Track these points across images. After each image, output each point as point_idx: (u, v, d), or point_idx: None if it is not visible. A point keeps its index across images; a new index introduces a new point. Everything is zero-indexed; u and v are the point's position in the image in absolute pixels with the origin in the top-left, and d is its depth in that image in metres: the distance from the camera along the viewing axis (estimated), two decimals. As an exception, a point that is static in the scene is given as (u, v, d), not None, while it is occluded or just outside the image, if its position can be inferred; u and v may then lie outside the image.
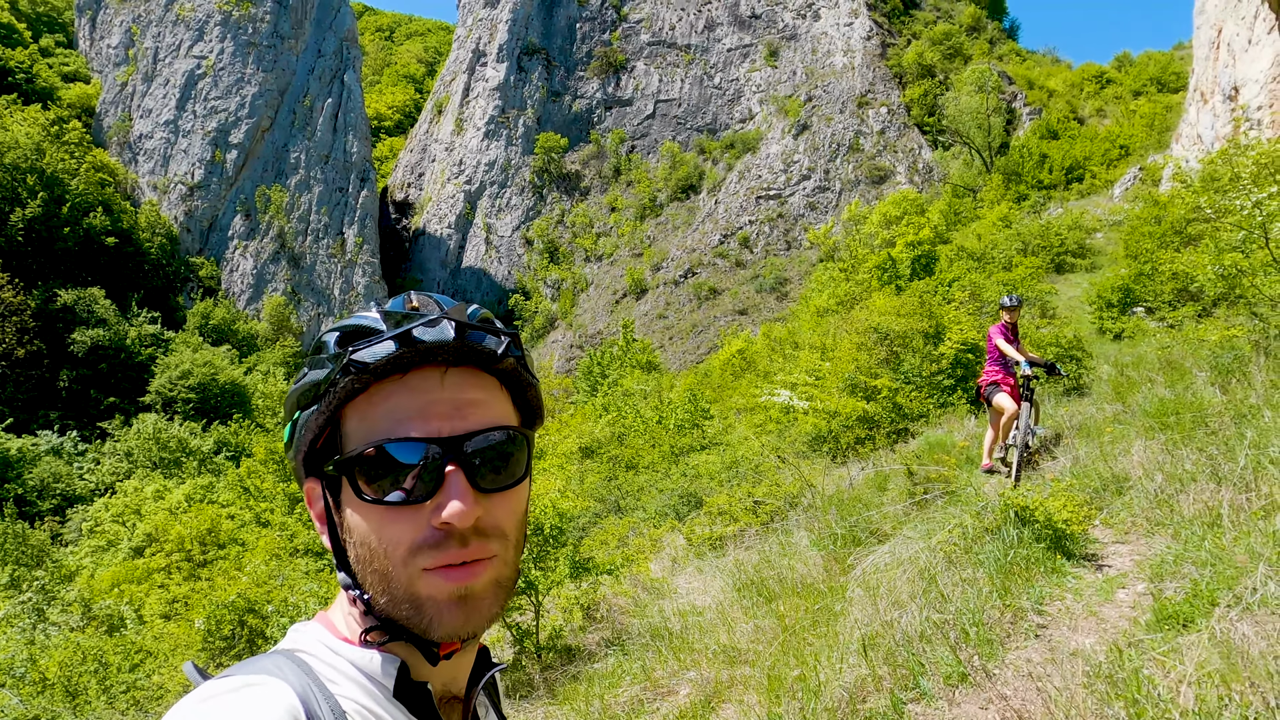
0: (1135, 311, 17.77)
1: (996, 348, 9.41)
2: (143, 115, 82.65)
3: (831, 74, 76.78)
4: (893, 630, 4.50)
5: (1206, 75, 26.39)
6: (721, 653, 5.32)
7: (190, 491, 32.40)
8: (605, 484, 16.98)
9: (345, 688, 0.91)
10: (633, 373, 33.66)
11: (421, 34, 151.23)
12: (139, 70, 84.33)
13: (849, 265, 35.73)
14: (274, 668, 0.90)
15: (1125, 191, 34.22)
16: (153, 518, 28.56)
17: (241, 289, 77.71)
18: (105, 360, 57.99)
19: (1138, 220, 22.32)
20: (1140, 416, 7.54)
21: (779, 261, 66.17)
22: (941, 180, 58.47)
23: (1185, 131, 28.66)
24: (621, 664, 5.79)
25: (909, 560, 5.55)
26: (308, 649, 0.96)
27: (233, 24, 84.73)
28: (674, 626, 6.11)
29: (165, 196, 79.15)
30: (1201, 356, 8.49)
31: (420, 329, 0.90)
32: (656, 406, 22.67)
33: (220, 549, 24.74)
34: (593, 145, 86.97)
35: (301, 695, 0.86)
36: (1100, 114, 58.99)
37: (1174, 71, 56.75)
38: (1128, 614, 4.24)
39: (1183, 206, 13.65)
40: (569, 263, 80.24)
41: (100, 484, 42.64)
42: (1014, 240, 28.48)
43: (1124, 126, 48.18)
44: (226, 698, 0.83)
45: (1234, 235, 9.45)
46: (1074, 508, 5.30)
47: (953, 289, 21.81)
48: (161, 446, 42.76)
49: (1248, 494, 4.57)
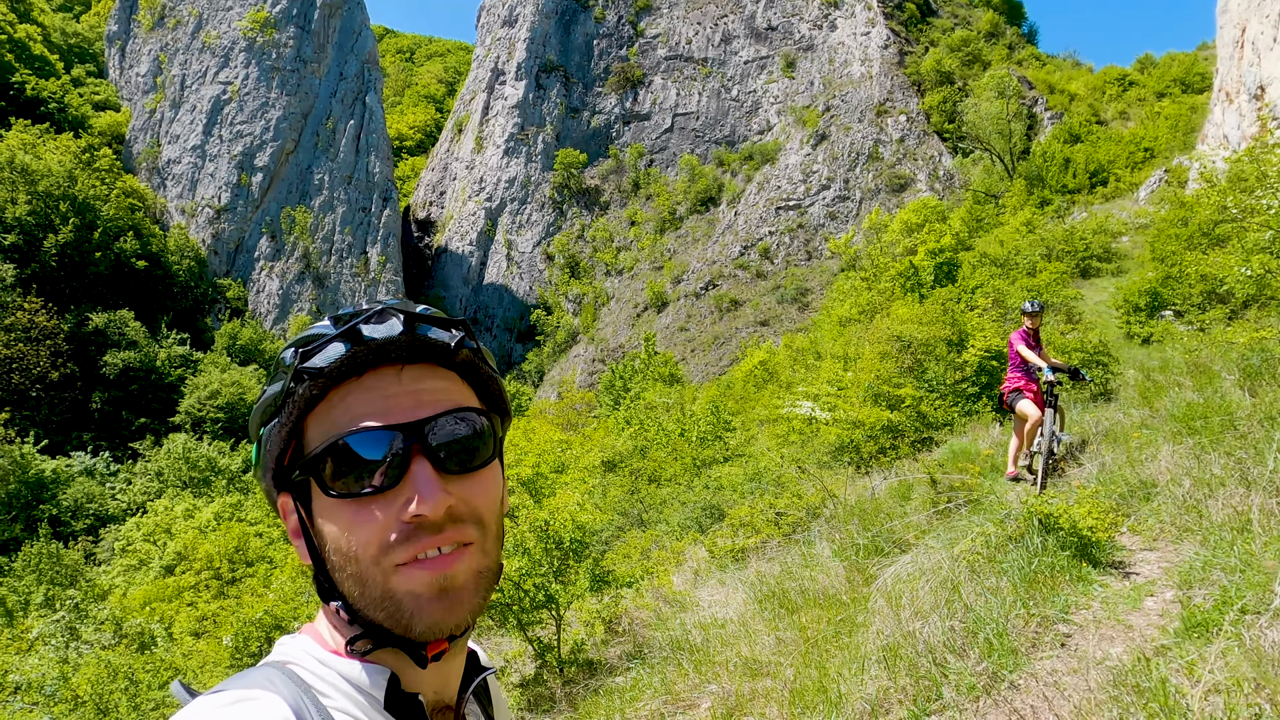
0: (1164, 315, 17.48)
1: (1019, 354, 9.30)
2: (171, 141, 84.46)
3: (849, 83, 76.67)
4: (914, 641, 4.44)
5: (1231, 75, 26.03)
6: (743, 665, 5.28)
7: (219, 510, 32.79)
8: (628, 497, 16.95)
9: (337, 700, 0.90)
10: (655, 386, 33.63)
11: (441, 54, 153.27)
12: (167, 97, 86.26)
13: (870, 274, 35.54)
14: (265, 681, 0.88)
15: (1151, 194, 33.79)
16: (183, 536, 28.93)
17: (268, 309, 78.88)
18: (136, 381, 59.03)
19: (1164, 223, 22.00)
20: (1167, 421, 7.40)
21: (800, 272, 65.95)
22: (963, 187, 58.07)
23: (1211, 132, 28.26)
24: (642, 677, 5.75)
25: (931, 570, 5.48)
26: (298, 661, 0.94)
27: (257, 50, 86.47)
28: (695, 639, 6.07)
29: (193, 220, 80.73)
30: (1230, 359, 8.33)
31: (367, 326, 0.89)
32: (679, 419, 22.62)
33: (249, 566, 24.99)
34: (611, 160, 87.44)
35: (295, 708, 0.85)
36: (1123, 117, 58.34)
37: (1198, 72, 56.01)
38: (1156, 622, 4.15)
39: (1209, 207, 13.45)
40: (590, 277, 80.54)
41: (132, 504, 43.30)
42: (1038, 246, 28.18)
43: (1148, 129, 47.59)
44: (221, 712, 0.82)
45: (1262, 235, 9.29)
46: (1099, 514, 5.21)
47: (976, 296, 21.59)
48: (191, 466, 43.38)
49: (1278, 499, 4.46)
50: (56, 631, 15.81)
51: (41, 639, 14.92)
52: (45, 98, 79.86)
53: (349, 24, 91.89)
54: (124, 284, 66.12)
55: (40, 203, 61.97)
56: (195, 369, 62.11)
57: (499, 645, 7.91)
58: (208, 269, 78.16)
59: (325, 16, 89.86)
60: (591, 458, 21.92)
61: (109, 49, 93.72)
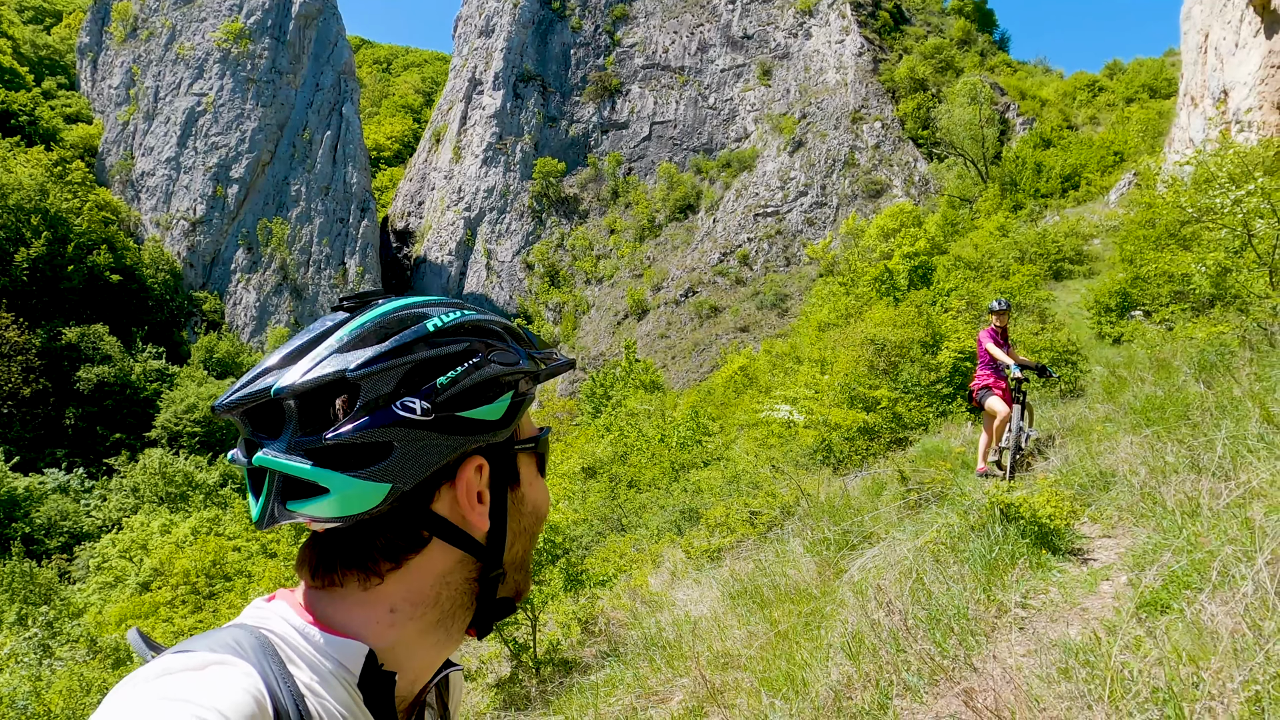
0: (1133, 315, 17.78)
1: (987, 351, 9.47)
2: (144, 153, 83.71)
3: (825, 91, 77.40)
4: (879, 629, 4.53)
5: (1196, 80, 26.59)
6: (714, 658, 5.35)
7: (196, 525, 32.42)
8: (608, 502, 16.99)
9: (305, 673, 0.87)
10: (636, 393, 33.66)
11: (418, 65, 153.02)
12: (140, 109, 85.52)
13: (848, 279, 35.81)
14: (235, 644, 0.85)
15: (1121, 197, 34.35)
16: (159, 552, 28.56)
17: (245, 322, 78.23)
18: (110, 397, 58.28)
19: (1132, 225, 22.40)
20: (1128, 414, 7.58)
21: (779, 278, 66.37)
22: (937, 192, 58.74)
23: (1178, 136, 28.82)
24: (616, 673, 5.81)
25: (897, 561, 5.58)
26: (272, 627, 0.91)
27: (231, 61, 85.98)
28: (669, 635, 6.13)
29: (168, 232, 79.98)
30: (1190, 354, 8.54)
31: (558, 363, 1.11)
32: (659, 425, 22.70)
33: (226, 581, 24.73)
34: (590, 169, 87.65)
35: (265, 678, 0.82)
36: (1093, 122, 59.31)
37: (1165, 78, 57.07)
38: (1110, 604, 4.28)
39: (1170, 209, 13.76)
40: (570, 286, 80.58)
41: (107, 520, 42.69)
42: (1011, 249, 28.58)
43: (1118, 133, 48.39)
44: (189, 675, 0.79)
45: (1218, 234, 9.53)
46: (1058, 503, 5.34)
47: (950, 299, 21.86)
48: (167, 481, 42.86)
49: (1227, 482, 4.61)
50: (29, 649, 15.59)
51: (13, 656, 14.70)
52: (15, 110, 78.90)
53: (324, 35, 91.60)
54: (98, 298, 65.33)
55: (11, 216, 61.18)
56: (171, 383, 61.41)
57: (475, 646, 7.93)
58: (183, 282, 77.40)
59: (300, 27, 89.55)
60: (572, 464, 21.95)
61: (80, 61, 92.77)
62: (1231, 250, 9.56)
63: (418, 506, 0.94)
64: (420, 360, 0.93)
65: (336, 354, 0.92)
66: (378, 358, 0.91)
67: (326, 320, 0.98)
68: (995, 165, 51.96)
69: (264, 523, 0.91)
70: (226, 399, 0.92)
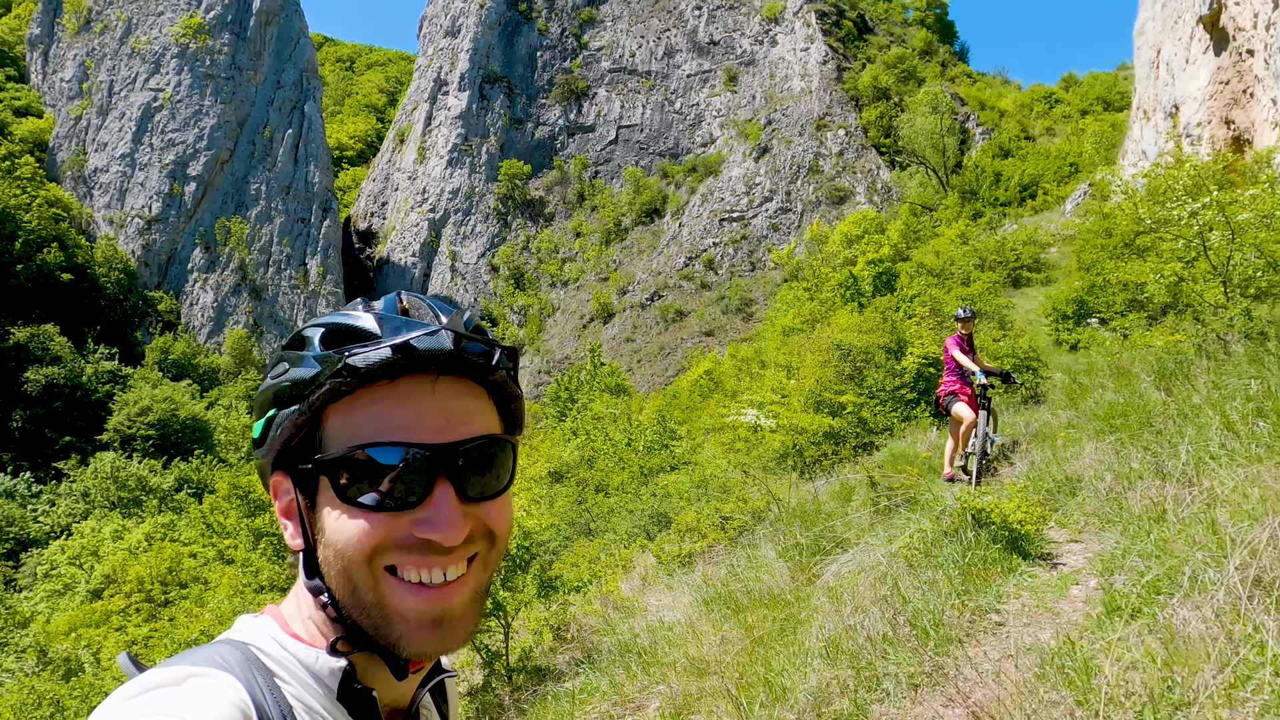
0: (1090, 322, 18.21)
1: (953, 358, 9.63)
2: (98, 149, 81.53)
3: (790, 98, 78.16)
4: (856, 634, 4.57)
5: (1148, 94, 27.36)
6: (690, 665, 5.35)
7: (150, 530, 31.58)
8: (575, 507, 16.93)
9: (293, 686, 0.88)
10: (601, 396, 33.61)
11: (382, 64, 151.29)
12: (94, 104, 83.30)
13: (812, 284, 36.20)
14: (219, 659, 0.85)
15: (1076, 207, 35.17)
16: (111, 559, 27.79)
17: (202, 322, 76.55)
18: (60, 399, 56.58)
19: (1089, 234, 22.95)
20: (1091, 420, 7.76)
21: (744, 282, 66.79)
22: (899, 200, 59.62)
23: (1131, 148, 29.63)
24: (591, 680, 5.78)
25: (871, 566, 5.64)
26: (257, 642, 0.91)
27: (190, 56, 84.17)
28: (643, 642, 6.12)
29: (122, 230, 77.95)
30: (1148, 362, 8.77)
31: (418, 339, 0.88)
32: (626, 429, 22.69)
33: (182, 588, 24.13)
34: (556, 171, 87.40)
35: (249, 690, 0.82)
36: (1050, 133, 60.73)
37: (1119, 91, 58.68)
38: (1080, 608, 4.36)
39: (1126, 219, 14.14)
40: (535, 288, 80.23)
41: (56, 526, 41.39)
42: (971, 256, 29.12)
43: (1073, 144, 49.58)
44: (169, 690, 0.78)
45: (1175, 245, 9.80)
46: (1028, 509, 5.44)
47: (914, 305, 22.18)
48: (120, 485, 41.69)
49: (1190, 488, 4.74)
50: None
51: (-42, 668, 14.19)
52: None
53: (287, 31, 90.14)
54: (48, 297, 63.41)
55: (-45, 212, 59.21)
56: (125, 385, 59.77)
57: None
58: (138, 281, 75.45)
59: (262, 23, 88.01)
60: (538, 468, 21.82)
61: (31, 53, 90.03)
62: (1186, 260, 9.84)
63: None
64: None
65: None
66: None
67: None
68: (956, 174, 52.96)
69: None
70: None
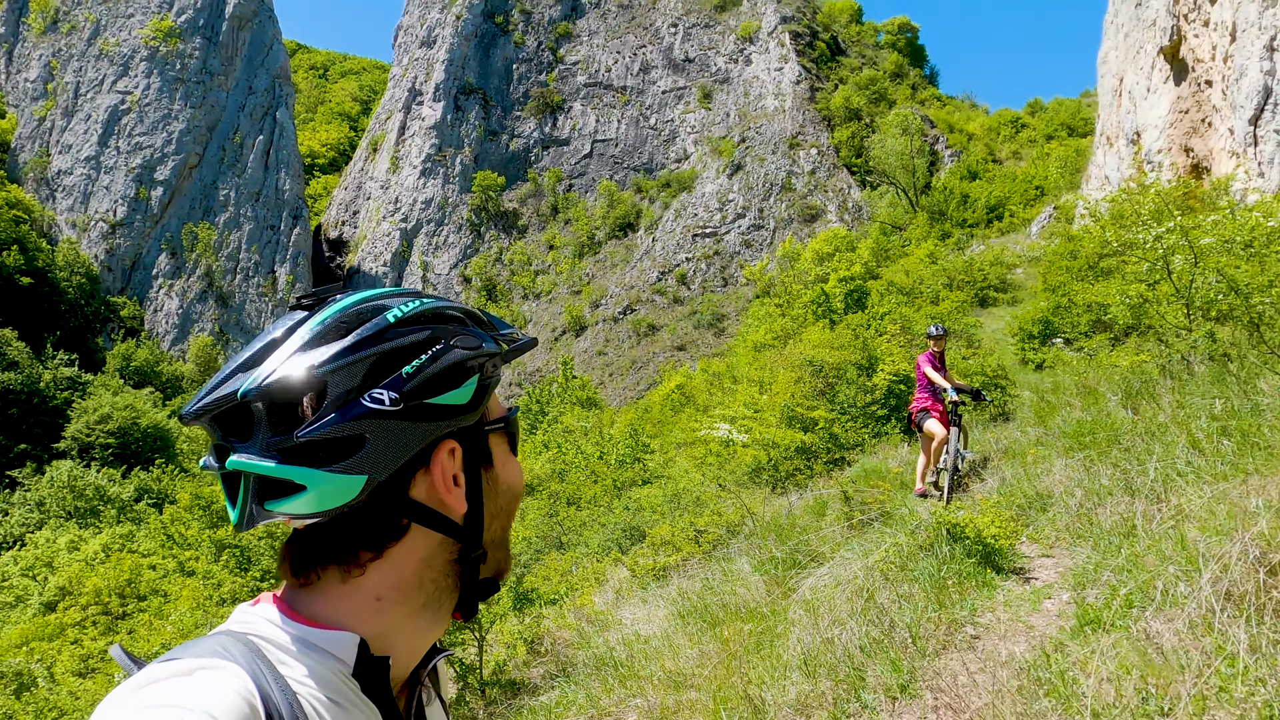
0: (1055, 342, 18.57)
1: (925, 375, 9.77)
2: (62, 151, 79.96)
3: (763, 116, 79.03)
4: (834, 647, 4.60)
5: (1111, 121, 28.10)
6: (667, 679, 5.34)
7: (108, 541, 30.80)
8: (546, 520, 16.83)
9: (297, 670, 0.88)
10: (573, 409, 33.54)
11: (356, 72, 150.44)
12: (59, 105, 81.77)
13: (784, 301, 36.52)
14: (222, 649, 0.85)
15: (1042, 229, 35.91)
16: (66, 570, 27.05)
17: (166, 329, 75.12)
18: (16, 405, 55.10)
19: (1054, 256, 23.45)
20: (1060, 438, 7.91)
21: (716, 298, 67.17)
22: (870, 219, 60.47)
23: (1094, 173, 30.35)
24: (568, 694, 5.75)
25: (848, 580, 5.68)
26: (256, 630, 0.92)
27: (160, 60, 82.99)
28: (620, 655, 6.10)
29: (85, 234, 76.38)
30: (1114, 381, 8.97)
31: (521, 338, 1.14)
32: (597, 442, 22.65)
33: (141, 600, 23.56)
34: (530, 184, 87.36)
35: (255, 679, 0.83)
36: (1016, 156, 62.02)
37: (1082, 117, 60.13)
38: (1054, 622, 4.44)
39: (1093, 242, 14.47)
40: (507, 300, 79.95)
41: (9, 536, 40.18)
42: (940, 276, 29.57)
43: (1039, 168, 50.65)
44: (175, 681, 0.79)
45: (1140, 268, 10.06)
46: (1002, 523, 5.53)
47: (884, 322, 22.46)
48: (77, 495, 40.62)
49: (1159, 505, 4.85)
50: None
51: (-96, 683, 13.69)
52: (-81, 101, 74.59)
53: (259, 37, 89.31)
54: (6, 301, 61.86)
55: (-89, 212, 57.63)
56: (84, 392, 58.37)
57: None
58: (100, 286, 73.87)
59: (234, 29, 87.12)
60: (510, 481, 21.64)
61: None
62: (1149, 282, 10.09)
63: (395, 495, 0.96)
64: (384, 352, 0.95)
65: (300, 352, 0.93)
66: (341, 353, 0.93)
67: (286, 320, 0.99)
68: (925, 195, 53.84)
69: (243, 525, 0.92)
70: (193, 406, 0.94)
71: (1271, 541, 3.27)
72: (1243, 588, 3.14)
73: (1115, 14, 28.20)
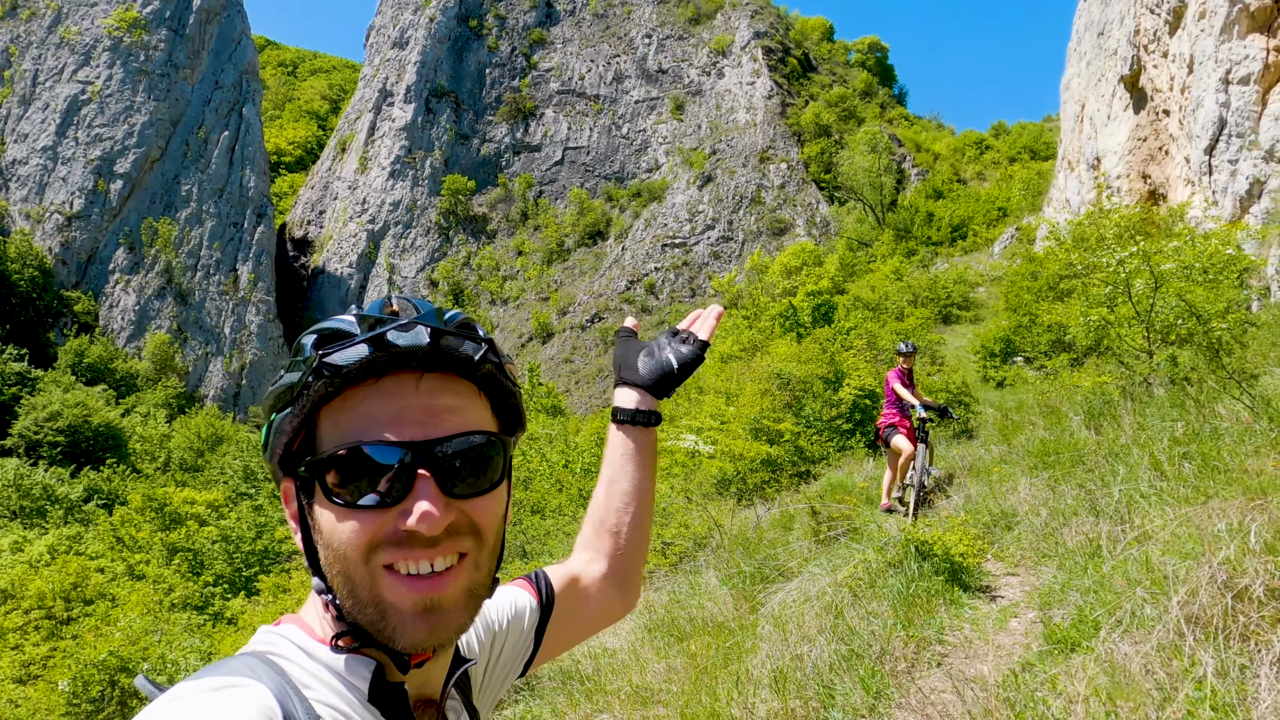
0: (1016, 361, 18.91)
1: (894, 391, 9.85)
2: (17, 140, 77.84)
3: (735, 129, 79.68)
4: (803, 664, 4.59)
5: (1073, 145, 28.77)
6: (634, 694, 5.28)
7: (54, 543, 29.86)
8: (510, 528, 16.66)
9: (319, 691, 0.90)
10: (538, 416, 33.33)
11: (326, 71, 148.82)
12: (15, 93, 79.64)
13: (752, 313, 36.75)
14: (247, 669, 0.87)
15: (1004, 249, 36.59)
16: (9, 572, 26.17)
17: (122, 325, 73.28)
18: (-39, 400, 53.36)
19: (1016, 276, 23.88)
20: (1024, 457, 8.02)
21: (684, 308, 67.33)
22: (837, 234, 61.19)
23: (1055, 196, 31.03)
24: (533, 709, 5.66)
25: (816, 596, 5.68)
26: (280, 651, 0.93)
27: (123, 50, 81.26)
28: (586, 669, 6.02)
29: (39, 226, 74.32)
30: (1075, 402, 9.13)
31: (394, 333, 0.89)
32: (563, 450, 22.50)
33: (87, 605, 22.88)
34: (501, 189, 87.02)
35: (279, 698, 0.84)
36: (980, 177, 63.24)
37: (1045, 141, 61.57)
38: (1021, 641, 4.47)
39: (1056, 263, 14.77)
40: (474, 305, 79.40)
41: (-52, 536, 38.79)
42: (905, 292, 29.97)
43: (1002, 189, 51.69)
44: (203, 698, 0.80)
45: (1101, 290, 10.26)
46: (969, 541, 5.57)
47: (850, 337, 22.67)
48: (23, 494, 39.35)
49: (1123, 525, 4.92)
50: None
51: None
52: None
53: (228, 31, 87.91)
54: (-48, 292, 60.01)
55: None
56: (34, 388, 56.67)
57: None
58: (54, 280, 71.88)
59: (202, 21, 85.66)
60: (473, 488, 21.39)
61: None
62: (1110, 305, 10.30)
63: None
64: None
65: None
66: None
67: None
68: (891, 212, 54.63)
69: None
70: None
71: (1238, 567, 3.32)
72: (1210, 612, 3.18)
73: (1079, 42, 28.93)
